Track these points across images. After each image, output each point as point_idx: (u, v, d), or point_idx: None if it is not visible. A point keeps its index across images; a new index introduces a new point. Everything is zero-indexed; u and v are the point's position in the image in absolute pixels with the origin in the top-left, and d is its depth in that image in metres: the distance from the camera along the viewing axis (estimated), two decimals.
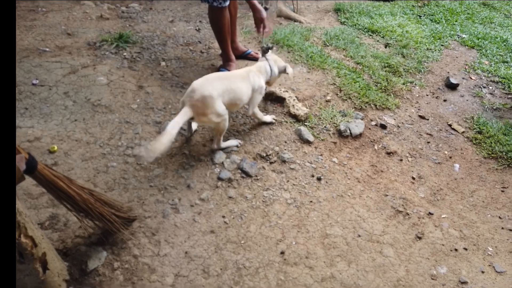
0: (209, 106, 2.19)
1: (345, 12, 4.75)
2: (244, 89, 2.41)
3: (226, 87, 2.29)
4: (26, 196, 2.02)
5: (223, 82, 2.30)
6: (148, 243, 1.98)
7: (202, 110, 2.19)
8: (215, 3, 2.84)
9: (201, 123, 2.33)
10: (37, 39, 3.29)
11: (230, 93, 2.31)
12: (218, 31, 3.07)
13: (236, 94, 2.35)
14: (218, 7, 2.86)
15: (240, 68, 3.23)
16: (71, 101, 2.69)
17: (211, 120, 2.24)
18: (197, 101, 2.17)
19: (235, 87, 2.34)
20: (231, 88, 2.31)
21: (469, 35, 4.58)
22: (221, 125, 2.33)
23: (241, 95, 2.38)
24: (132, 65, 3.17)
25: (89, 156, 2.36)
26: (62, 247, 1.89)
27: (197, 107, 2.18)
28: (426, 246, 2.14)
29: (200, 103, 2.18)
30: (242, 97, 2.40)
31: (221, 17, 2.95)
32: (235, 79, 2.40)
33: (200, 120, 2.25)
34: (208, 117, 2.21)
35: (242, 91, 2.39)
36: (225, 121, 2.32)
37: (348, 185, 2.48)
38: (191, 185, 2.29)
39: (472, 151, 2.98)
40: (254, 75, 2.52)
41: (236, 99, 2.36)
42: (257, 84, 2.51)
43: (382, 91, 3.43)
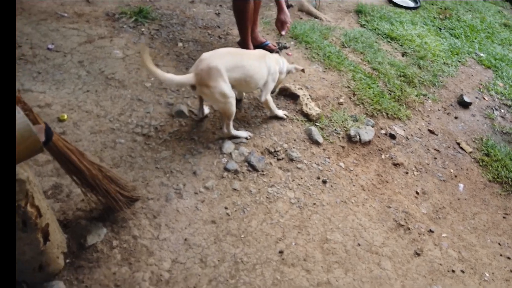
0: (212, 78, 2.14)
1: (366, 15, 4.69)
2: (257, 68, 2.35)
3: (236, 63, 2.24)
4: (32, 163, 1.99)
5: (234, 58, 2.25)
6: (149, 225, 1.97)
7: (205, 81, 2.14)
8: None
9: (204, 96, 2.27)
10: (56, 2, 3.23)
11: (241, 69, 2.25)
12: (240, 19, 3.02)
13: (248, 71, 2.29)
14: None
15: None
16: (85, 71, 2.65)
17: (214, 95, 2.18)
18: (201, 70, 2.13)
19: (247, 64, 2.29)
20: (242, 65, 2.26)
21: (487, 54, 4.54)
22: (226, 108, 2.28)
23: (253, 73, 2.32)
24: (150, 42, 3.12)
25: (98, 129, 2.33)
26: (63, 218, 1.88)
27: (201, 76, 2.14)
28: (424, 264, 2.15)
29: (205, 73, 2.13)
30: (255, 76, 2.34)
31: (246, 4, 2.90)
32: (249, 56, 2.35)
33: (202, 91, 2.20)
34: (210, 89, 2.15)
35: (254, 69, 2.33)
36: (230, 104, 2.26)
37: (352, 191, 2.47)
38: (197, 172, 2.27)
39: (478, 172, 2.98)
40: (271, 58, 2.49)
41: (247, 76, 2.30)
42: (273, 68, 2.47)
43: (395, 100, 3.41)
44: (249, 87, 2.43)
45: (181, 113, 2.56)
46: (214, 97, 2.20)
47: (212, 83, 2.14)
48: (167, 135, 2.42)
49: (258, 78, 2.39)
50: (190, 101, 2.70)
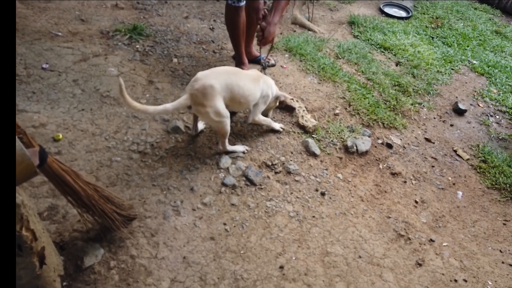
0: (208, 98, 2.13)
1: (359, 26, 4.74)
2: (252, 89, 2.36)
3: (231, 83, 2.23)
4: (27, 184, 1.97)
5: (229, 77, 2.25)
6: (147, 244, 1.95)
7: (201, 101, 2.13)
8: (229, 1, 2.80)
9: (199, 115, 2.26)
10: (50, 22, 3.24)
11: (235, 89, 2.25)
12: (231, 31, 3.03)
13: (243, 92, 2.29)
14: (233, 6, 2.82)
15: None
16: (80, 90, 2.65)
17: (209, 115, 2.17)
18: (197, 90, 2.12)
19: (242, 84, 2.29)
20: (237, 84, 2.26)
21: (480, 61, 4.58)
22: (221, 127, 2.28)
23: (248, 94, 2.32)
24: (144, 58, 3.13)
25: (93, 148, 2.31)
26: (59, 240, 1.85)
27: (196, 96, 2.13)
28: (426, 274, 2.12)
29: (200, 93, 2.12)
30: (248, 97, 2.34)
31: (236, 16, 2.91)
32: (245, 77, 2.35)
33: (198, 111, 2.19)
34: (206, 109, 2.15)
35: (249, 90, 2.33)
36: (225, 124, 2.26)
37: (351, 203, 2.46)
38: (195, 188, 2.25)
39: (476, 179, 2.98)
40: (265, 81, 2.50)
41: (242, 96, 2.30)
42: (265, 91, 2.49)
43: (391, 110, 3.42)
44: (241, 106, 2.43)
45: (177, 129, 2.55)
46: (209, 117, 2.19)
47: (207, 102, 2.14)
48: (163, 152, 2.41)
49: (251, 100, 2.40)
50: (186, 116, 2.70)
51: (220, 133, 2.34)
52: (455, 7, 5.90)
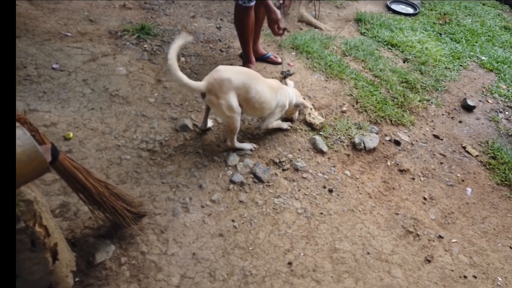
0: (223, 90, 2.17)
1: (366, 23, 4.72)
2: (268, 97, 2.38)
3: (249, 84, 2.26)
4: (39, 182, 2.01)
5: (249, 78, 2.28)
6: (156, 240, 1.97)
7: (216, 91, 2.17)
8: (240, 1, 2.82)
9: (212, 106, 2.29)
10: (59, 23, 3.28)
11: (252, 92, 2.28)
12: (240, 30, 3.05)
13: (259, 96, 2.32)
14: (243, 6, 2.84)
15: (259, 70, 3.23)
16: (89, 89, 2.68)
17: (221, 107, 2.20)
18: (214, 80, 2.17)
19: (259, 89, 2.31)
20: (255, 88, 2.28)
21: (489, 57, 4.54)
22: (231, 122, 2.31)
23: (263, 100, 2.35)
24: (152, 57, 3.16)
25: (103, 146, 2.34)
26: (71, 237, 1.88)
27: (213, 85, 2.17)
28: (435, 270, 2.12)
29: (217, 83, 2.16)
30: (263, 104, 2.37)
31: (246, 16, 2.93)
32: (264, 83, 2.37)
33: (211, 101, 2.22)
34: (219, 100, 2.18)
35: (265, 97, 2.36)
36: (235, 119, 2.29)
37: (359, 199, 2.46)
38: (203, 185, 2.27)
39: (485, 176, 2.96)
40: (284, 92, 2.53)
41: (256, 101, 2.32)
42: (282, 102, 2.52)
43: (398, 106, 3.41)
44: (255, 112, 2.46)
45: (186, 127, 2.57)
46: (221, 109, 2.22)
47: (222, 94, 2.17)
48: (172, 150, 2.44)
49: (265, 108, 2.43)
50: (194, 115, 2.72)
51: (229, 129, 2.36)
52: (463, 3, 5.85)
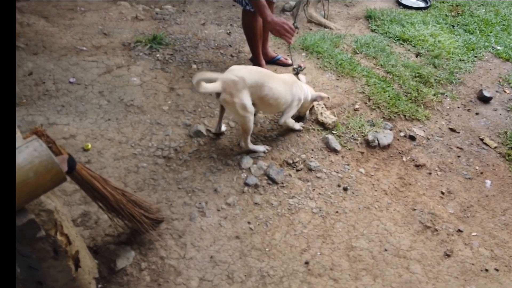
0: (238, 88, 2.21)
1: (376, 20, 4.69)
2: (282, 92, 2.41)
3: (263, 82, 2.29)
4: (60, 193, 2.08)
5: (261, 77, 2.31)
6: (175, 245, 2.02)
7: (230, 90, 2.20)
8: (247, 7, 2.86)
9: (226, 105, 2.31)
10: (75, 38, 3.39)
11: (266, 90, 2.31)
12: (250, 35, 3.10)
13: (273, 94, 2.35)
14: (251, 11, 2.88)
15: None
16: (106, 101, 2.77)
17: (235, 106, 2.24)
18: (229, 79, 2.21)
19: (273, 86, 2.34)
20: (268, 86, 2.32)
21: (504, 47, 4.44)
22: (245, 122, 2.34)
23: (277, 97, 2.38)
24: (165, 66, 3.23)
25: (120, 155, 2.41)
26: (93, 245, 1.95)
27: (227, 84, 2.21)
28: (455, 265, 2.10)
29: (231, 82, 2.21)
30: (278, 99, 2.40)
31: (254, 21, 2.97)
32: (277, 80, 2.41)
33: (225, 100, 2.25)
34: (233, 99, 2.21)
35: (280, 93, 2.39)
36: (248, 120, 2.32)
37: (375, 197, 2.45)
38: (218, 189, 2.31)
39: (505, 167, 2.90)
40: (298, 86, 2.56)
41: (271, 98, 2.35)
42: (298, 96, 2.54)
43: (412, 101, 3.37)
44: (271, 109, 2.50)
45: (199, 133, 2.62)
46: (235, 108, 2.25)
47: (236, 93, 2.21)
48: (187, 156, 2.49)
49: (281, 103, 2.45)
50: (207, 120, 2.77)
51: (243, 129, 2.40)
52: None
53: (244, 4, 2.85)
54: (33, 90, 2.72)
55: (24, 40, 3.22)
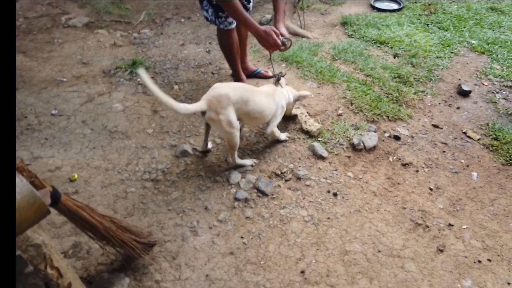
0: (222, 106, 2.23)
1: (352, 25, 4.78)
2: (266, 104, 2.45)
3: (247, 98, 2.33)
4: (49, 226, 2.07)
5: (245, 92, 2.35)
6: (169, 267, 2.01)
7: (215, 107, 2.23)
8: (221, 26, 2.91)
9: (211, 123, 2.34)
10: (54, 70, 3.41)
11: (251, 104, 2.34)
12: (227, 52, 3.14)
13: (258, 107, 2.39)
14: (225, 29, 2.93)
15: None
16: (89, 129, 2.77)
17: (221, 123, 2.26)
18: (213, 97, 2.24)
19: (257, 100, 2.38)
20: (252, 100, 2.35)
21: (479, 40, 4.55)
22: (231, 138, 2.36)
23: (263, 109, 2.42)
24: (146, 90, 3.25)
25: (108, 182, 2.41)
26: (86, 275, 1.93)
27: (212, 102, 2.23)
28: (449, 259, 2.11)
29: (216, 100, 2.23)
30: (264, 112, 2.44)
31: (229, 38, 3.01)
32: (260, 93, 2.45)
33: (211, 118, 2.26)
34: (219, 116, 2.24)
35: (264, 105, 2.43)
36: (235, 135, 2.35)
37: (364, 199, 2.47)
38: (209, 207, 2.32)
39: (490, 158, 2.94)
40: (280, 94, 2.61)
41: (256, 112, 2.39)
42: (281, 103, 2.59)
43: (394, 102, 3.43)
44: (257, 122, 2.55)
45: (185, 153, 2.63)
46: (221, 125, 2.28)
47: (221, 110, 2.24)
48: (174, 176, 2.49)
49: (266, 114, 2.50)
50: (193, 139, 2.78)
51: (229, 145, 2.42)
52: None
53: (218, 23, 2.89)
54: None
55: None
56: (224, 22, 2.87)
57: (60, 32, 4.16)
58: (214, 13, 2.84)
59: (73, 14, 4.57)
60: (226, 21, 2.86)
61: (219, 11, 2.80)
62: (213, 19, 2.89)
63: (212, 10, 2.84)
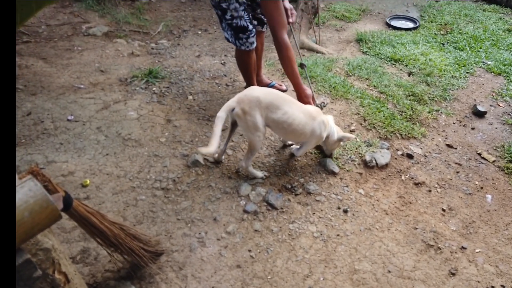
0: (251, 106, 2.28)
1: (367, 42, 4.80)
2: (299, 119, 2.41)
3: (278, 105, 2.34)
4: (59, 230, 2.08)
5: (278, 100, 2.36)
6: (175, 277, 2.00)
7: (244, 106, 2.28)
8: (242, 47, 2.92)
9: (238, 120, 2.36)
10: (72, 76, 3.47)
11: (280, 113, 2.34)
12: (244, 70, 3.16)
13: (288, 118, 2.36)
14: (246, 50, 2.95)
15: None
16: (103, 136, 2.80)
17: (247, 123, 2.31)
18: (245, 96, 2.31)
19: (290, 111, 2.37)
20: (284, 109, 2.35)
21: (495, 61, 4.51)
22: (253, 141, 2.38)
23: (291, 122, 2.38)
24: (161, 99, 3.29)
25: (119, 189, 2.43)
26: (92, 282, 1.93)
27: (242, 100, 2.30)
28: (461, 283, 2.06)
29: (247, 99, 2.29)
30: (292, 125, 2.39)
31: (249, 58, 3.03)
32: (298, 107, 2.44)
33: (238, 115, 2.31)
34: (246, 116, 2.29)
35: (296, 119, 2.39)
36: (257, 140, 2.37)
37: (375, 217, 2.44)
38: (217, 218, 2.31)
39: (505, 181, 2.89)
40: (323, 121, 2.55)
41: (285, 122, 2.37)
42: (319, 131, 2.53)
43: (407, 120, 3.41)
44: (287, 135, 2.52)
45: (197, 163, 2.64)
46: (247, 124, 2.32)
47: (249, 110, 2.28)
48: (185, 186, 2.50)
49: (298, 132, 2.44)
50: (205, 150, 2.79)
51: (249, 147, 2.44)
52: (462, 11, 5.89)
53: (239, 44, 2.90)
54: (31, 130, 2.76)
55: (23, 81, 3.29)
56: (245, 43, 2.89)
57: (80, 40, 4.25)
58: (234, 35, 2.86)
59: (93, 23, 4.67)
60: (248, 42, 2.89)
61: (240, 33, 2.82)
62: (234, 41, 2.91)
63: (232, 32, 2.86)
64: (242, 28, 2.80)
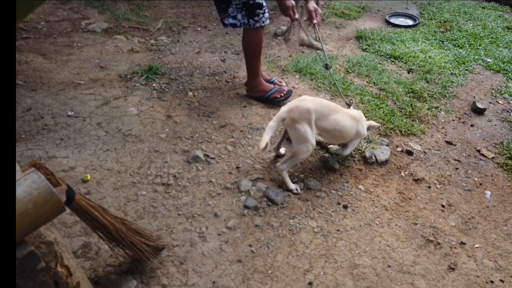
0: (301, 117, 2.32)
1: (366, 39, 4.80)
2: (349, 127, 2.53)
3: (328, 115, 2.41)
4: (61, 225, 2.09)
5: (328, 110, 2.43)
6: (176, 272, 2.00)
7: (294, 116, 2.33)
8: (257, 24, 2.94)
9: (288, 128, 2.43)
10: (72, 72, 3.47)
11: (331, 122, 2.42)
12: (255, 52, 3.13)
13: (337, 124, 2.45)
14: (260, 28, 2.98)
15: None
16: (104, 132, 2.80)
17: (296, 132, 2.36)
18: (296, 107, 2.35)
19: (339, 119, 2.46)
20: (334, 118, 2.43)
21: (494, 59, 4.52)
22: (300, 150, 2.42)
23: (340, 128, 2.48)
24: (161, 95, 3.29)
25: (120, 185, 2.43)
26: (94, 276, 1.93)
27: (293, 110, 2.34)
28: (460, 278, 2.08)
29: (297, 110, 2.33)
30: (343, 133, 2.52)
31: (261, 35, 3.06)
32: (344, 114, 2.51)
33: (288, 124, 2.37)
34: (295, 125, 2.33)
35: (345, 127, 2.50)
36: (305, 150, 2.41)
37: (375, 213, 2.45)
38: (218, 213, 2.32)
39: (504, 177, 2.90)
40: (364, 122, 2.69)
41: (334, 129, 2.46)
42: (363, 132, 2.67)
43: (407, 117, 3.42)
44: (336, 139, 2.62)
45: (197, 158, 2.65)
46: (296, 133, 2.37)
47: (299, 120, 2.33)
48: (185, 181, 2.50)
49: (346, 136, 2.57)
50: (205, 145, 2.80)
51: (294, 154, 2.46)
52: (462, 9, 5.90)
53: (253, 23, 2.91)
54: (32, 125, 2.76)
55: (23, 77, 3.29)
56: (261, 18, 2.92)
57: (80, 36, 4.24)
58: (248, 14, 2.88)
59: (93, 19, 4.66)
60: (264, 17, 2.93)
61: (257, 9, 2.86)
62: (247, 21, 2.92)
63: (245, 13, 2.88)
64: (258, 5, 2.86)
